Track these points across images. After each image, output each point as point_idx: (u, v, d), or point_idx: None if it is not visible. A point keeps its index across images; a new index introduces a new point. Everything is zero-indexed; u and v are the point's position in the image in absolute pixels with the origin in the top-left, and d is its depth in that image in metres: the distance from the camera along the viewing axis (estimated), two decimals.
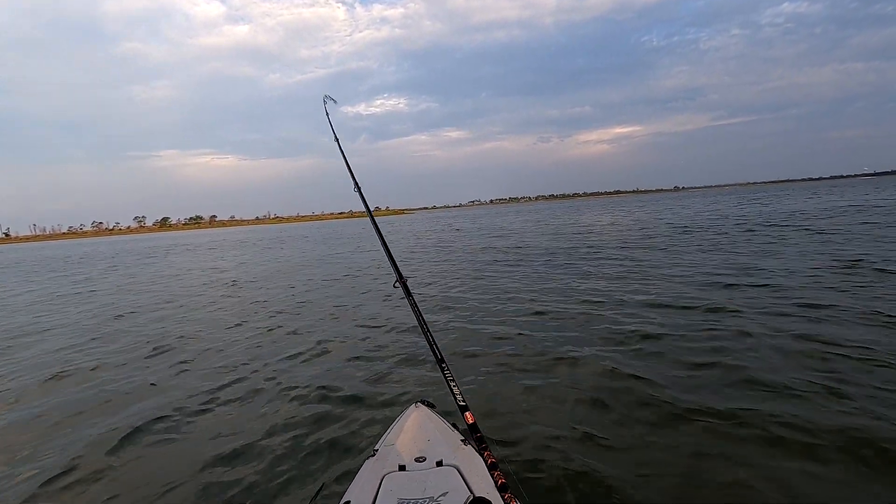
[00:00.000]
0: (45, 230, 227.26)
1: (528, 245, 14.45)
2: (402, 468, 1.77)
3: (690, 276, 7.07)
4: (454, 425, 2.14)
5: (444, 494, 1.59)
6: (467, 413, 1.62)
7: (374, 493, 1.62)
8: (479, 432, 1.55)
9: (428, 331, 1.89)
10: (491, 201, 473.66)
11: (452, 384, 1.73)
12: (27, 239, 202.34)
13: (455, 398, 1.67)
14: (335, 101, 3.03)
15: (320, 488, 2.42)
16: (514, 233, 21.17)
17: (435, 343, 1.86)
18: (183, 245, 36.15)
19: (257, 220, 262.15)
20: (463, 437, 1.98)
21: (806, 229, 12.30)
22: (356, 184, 2.81)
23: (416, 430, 2.06)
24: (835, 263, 7.08)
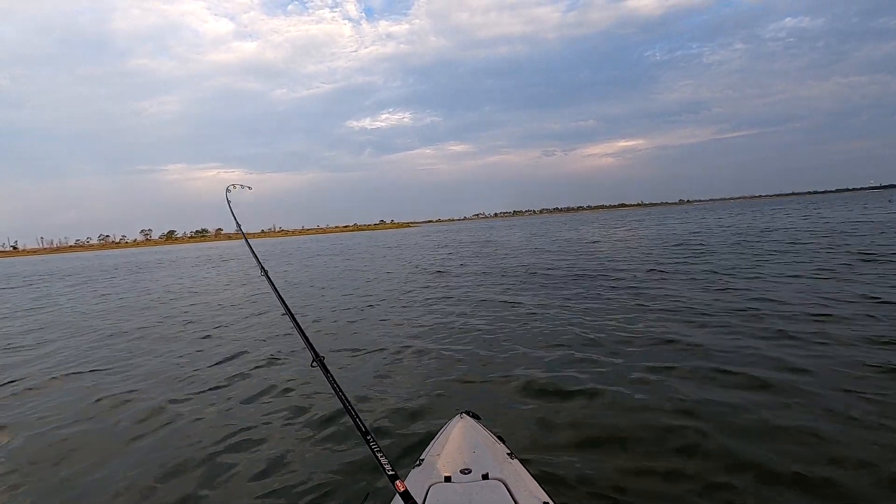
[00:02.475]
0: (52, 243, 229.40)
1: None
2: (447, 479, 1.78)
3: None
4: (500, 437, 2.17)
5: None
6: (397, 482, 1.48)
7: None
8: (412, 499, 1.42)
9: (350, 406, 1.75)
10: (495, 214, 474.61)
11: (379, 455, 1.59)
12: (34, 252, 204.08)
13: (384, 469, 1.54)
14: (250, 188, 3.17)
15: (366, 496, 2.41)
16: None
17: (357, 416, 1.71)
18: (168, 260, 36.23)
19: (263, 233, 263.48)
20: (509, 451, 2.00)
21: None
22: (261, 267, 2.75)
23: (462, 441, 2.05)
24: None
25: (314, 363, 1.95)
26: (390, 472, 1.52)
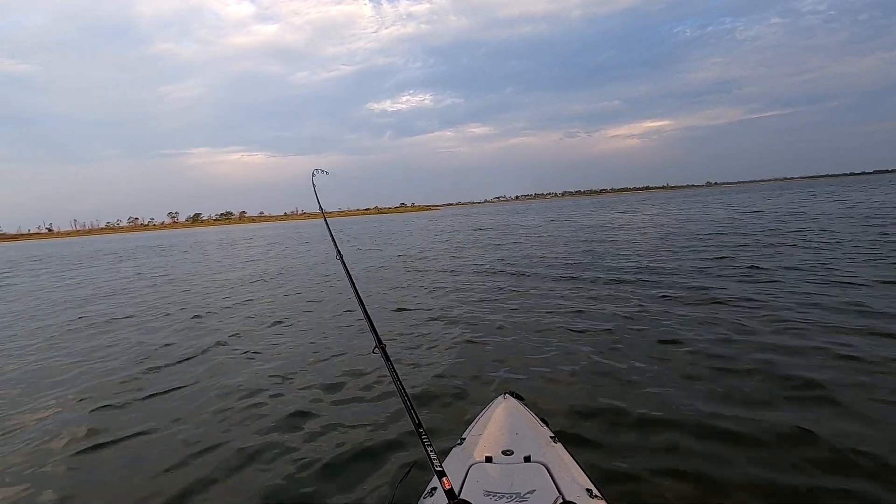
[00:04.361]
0: (84, 225, 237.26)
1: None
2: (488, 460, 1.76)
3: None
4: (543, 420, 2.13)
5: (531, 492, 1.53)
6: (444, 479, 1.45)
7: (461, 483, 1.59)
8: (456, 497, 1.39)
9: (407, 396, 1.72)
10: (516, 197, 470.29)
11: (430, 449, 1.55)
12: (69, 234, 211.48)
13: (432, 465, 1.51)
14: (326, 173, 3.17)
15: (407, 472, 2.41)
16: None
17: (413, 407, 1.68)
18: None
19: (285, 216, 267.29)
20: (553, 434, 1.95)
21: None
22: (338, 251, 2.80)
23: (504, 422, 2.03)
24: None
25: (376, 350, 1.95)
26: (438, 469, 1.49)
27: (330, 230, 3.10)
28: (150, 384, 4.53)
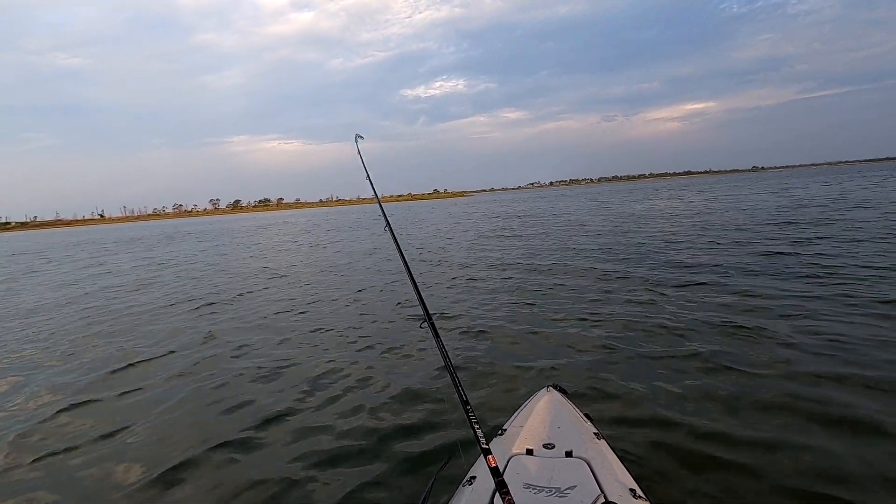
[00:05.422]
0: (133, 212, 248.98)
1: None
2: (529, 452, 1.75)
3: None
4: (587, 416, 2.08)
5: (571, 488, 1.52)
6: (490, 456, 1.44)
7: (500, 473, 1.55)
8: (500, 475, 1.36)
9: (454, 372, 1.69)
10: (551, 183, 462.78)
11: (477, 426, 1.53)
12: (119, 220, 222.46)
13: (479, 441, 1.49)
14: (362, 138, 3.16)
15: (447, 460, 2.38)
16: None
17: (459, 383, 1.64)
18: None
19: (321, 203, 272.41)
20: (597, 431, 1.90)
21: None
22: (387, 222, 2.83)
23: (547, 415, 2.01)
24: None
25: (423, 324, 1.96)
26: (484, 446, 1.47)
27: (380, 203, 3.11)
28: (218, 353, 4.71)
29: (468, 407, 1.57)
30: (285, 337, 5.28)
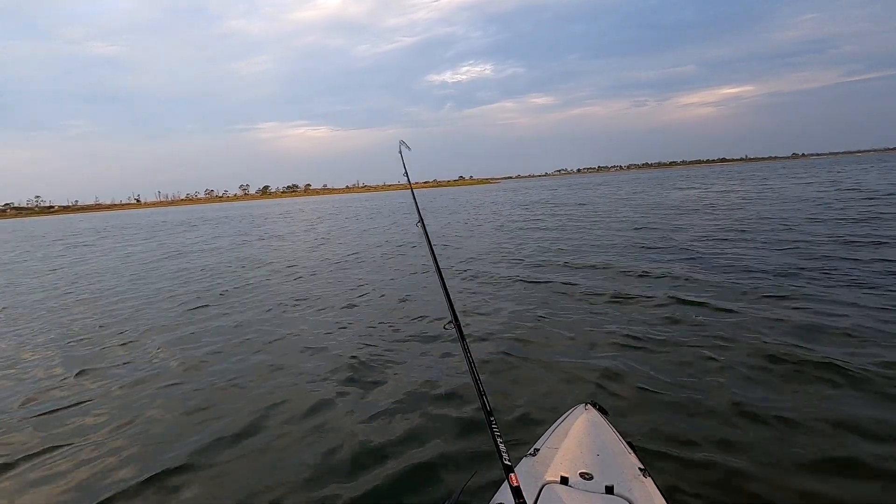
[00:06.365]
0: (167, 197, 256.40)
1: None
2: (564, 481, 1.58)
3: None
4: (631, 445, 1.87)
5: None
6: (511, 474, 1.33)
7: (521, 495, 1.43)
8: (522, 498, 1.26)
9: (479, 380, 1.58)
10: (578, 170, 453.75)
11: (500, 440, 1.42)
12: (155, 205, 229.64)
13: (501, 457, 1.38)
14: (409, 148, 3.18)
15: (471, 476, 2.25)
16: None
17: (484, 392, 1.53)
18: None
19: (347, 189, 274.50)
20: (643, 466, 1.70)
21: None
22: (421, 218, 2.80)
23: (584, 438, 1.83)
24: None
25: (448, 325, 1.87)
26: (507, 462, 1.36)
27: (415, 199, 3.06)
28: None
29: (492, 419, 1.46)
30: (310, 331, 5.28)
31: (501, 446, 1.41)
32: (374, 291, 6.89)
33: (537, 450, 1.79)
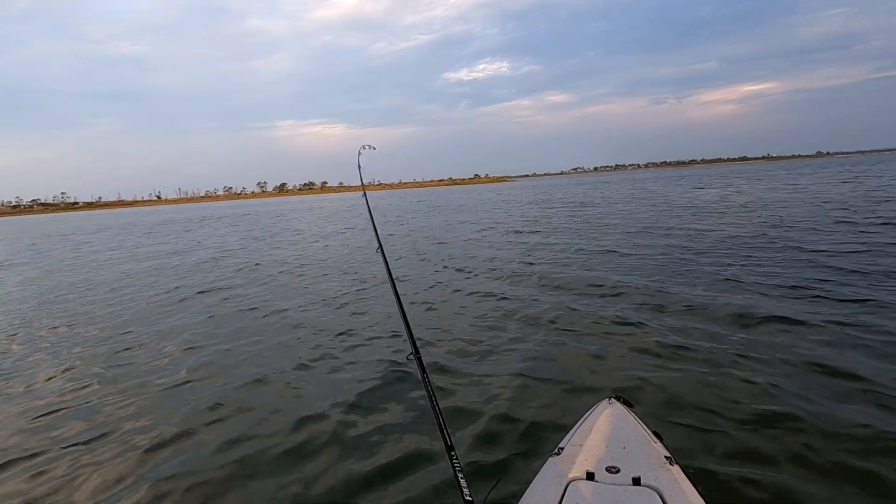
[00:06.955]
0: (187, 194, 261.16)
1: None
2: (590, 476, 1.55)
3: None
4: (657, 434, 1.86)
5: None
6: None
7: (558, 502, 1.43)
8: None
9: (440, 414, 1.56)
10: (595, 168, 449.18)
11: (460, 475, 1.39)
12: (175, 201, 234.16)
13: (461, 492, 1.35)
14: (374, 149, 3.24)
15: (498, 480, 2.22)
16: None
17: (445, 427, 1.50)
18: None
19: (362, 186, 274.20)
20: (669, 455, 1.67)
21: None
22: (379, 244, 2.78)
23: (610, 432, 1.81)
24: None
25: (411, 356, 1.85)
26: (468, 499, 1.32)
27: (371, 215, 2.98)
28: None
29: (452, 453, 1.43)
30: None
31: (462, 481, 1.38)
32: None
33: (562, 448, 1.76)
